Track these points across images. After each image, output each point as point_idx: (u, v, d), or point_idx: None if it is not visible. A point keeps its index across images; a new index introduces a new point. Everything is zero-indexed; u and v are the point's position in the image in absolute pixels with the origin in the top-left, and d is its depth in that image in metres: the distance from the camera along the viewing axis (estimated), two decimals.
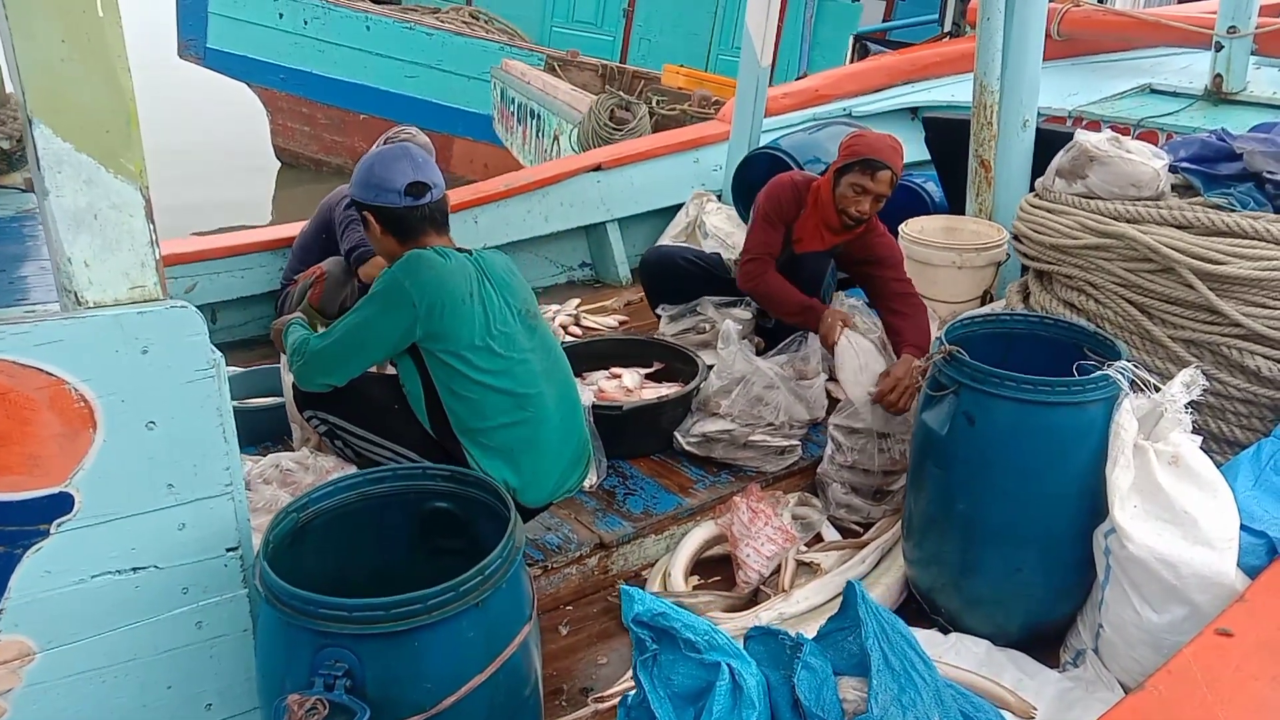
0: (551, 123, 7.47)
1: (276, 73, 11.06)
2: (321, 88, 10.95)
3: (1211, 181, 2.95)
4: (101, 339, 1.59)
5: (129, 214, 1.58)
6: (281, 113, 11.52)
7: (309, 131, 11.39)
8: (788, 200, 3.53)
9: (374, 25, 10.60)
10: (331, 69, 10.84)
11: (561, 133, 7.29)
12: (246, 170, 11.65)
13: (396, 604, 1.55)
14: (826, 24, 10.79)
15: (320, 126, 11.26)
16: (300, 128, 11.44)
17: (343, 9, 10.70)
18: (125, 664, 1.76)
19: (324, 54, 10.80)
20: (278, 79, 11.11)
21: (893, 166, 3.35)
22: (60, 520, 1.63)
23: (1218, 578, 2.12)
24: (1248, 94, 4.70)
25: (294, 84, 11.08)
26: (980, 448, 2.39)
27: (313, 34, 10.76)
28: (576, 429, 2.72)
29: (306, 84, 11.01)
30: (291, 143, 11.64)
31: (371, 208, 2.58)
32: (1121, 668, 2.31)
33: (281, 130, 11.69)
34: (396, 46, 10.54)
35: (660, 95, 7.92)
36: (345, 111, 10.96)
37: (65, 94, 1.49)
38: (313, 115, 11.22)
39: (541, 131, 7.63)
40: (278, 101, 11.43)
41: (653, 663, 1.66)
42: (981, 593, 2.51)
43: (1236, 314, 2.54)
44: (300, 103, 11.23)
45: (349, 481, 1.91)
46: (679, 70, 8.58)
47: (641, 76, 8.94)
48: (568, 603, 2.74)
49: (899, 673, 1.69)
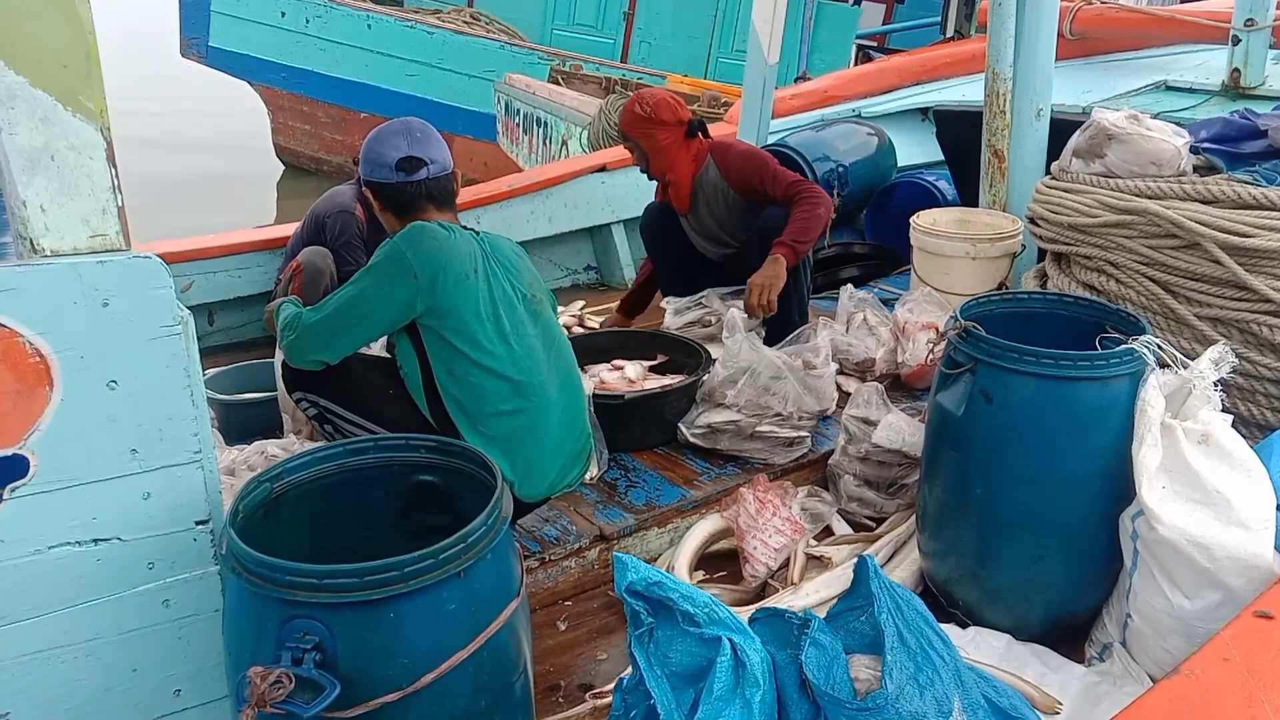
0: (559, 128, 7.44)
1: (278, 71, 11.14)
2: (323, 86, 11.01)
3: (1235, 160, 2.85)
4: (59, 289, 1.49)
5: (89, 156, 1.48)
6: (283, 111, 11.59)
7: (310, 130, 11.42)
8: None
9: (375, 24, 10.65)
10: (333, 68, 10.91)
11: (570, 136, 7.26)
12: (249, 168, 11.71)
13: (371, 570, 1.43)
14: (826, 27, 10.77)
15: (321, 125, 11.31)
16: (301, 126, 11.48)
17: (344, 8, 10.78)
18: (86, 643, 1.64)
19: (325, 52, 10.87)
20: (279, 77, 11.18)
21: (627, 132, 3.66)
22: (14, 485, 1.52)
23: (1254, 560, 1.99)
24: (1266, 88, 4.59)
25: (295, 82, 11.14)
26: (998, 428, 2.27)
27: (314, 33, 10.83)
28: (578, 421, 2.61)
29: (308, 82, 11.08)
30: (293, 141, 11.71)
31: (370, 183, 2.53)
32: (1152, 659, 2.18)
33: (283, 129, 11.74)
34: (397, 45, 10.59)
35: None
36: (346, 110, 11.00)
37: (19, 25, 1.40)
38: (314, 114, 11.27)
39: (549, 138, 7.60)
40: (279, 100, 11.49)
41: (648, 638, 1.54)
42: (1001, 584, 2.38)
43: (1267, 289, 2.42)
44: (301, 101, 11.29)
45: (327, 452, 1.80)
46: (683, 80, 8.57)
47: (645, 87, 8.91)
48: (566, 597, 2.62)
49: (915, 651, 1.57)
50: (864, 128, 5.07)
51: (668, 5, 11.76)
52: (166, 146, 11.95)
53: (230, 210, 9.49)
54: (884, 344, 3.50)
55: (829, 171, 4.58)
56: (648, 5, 11.82)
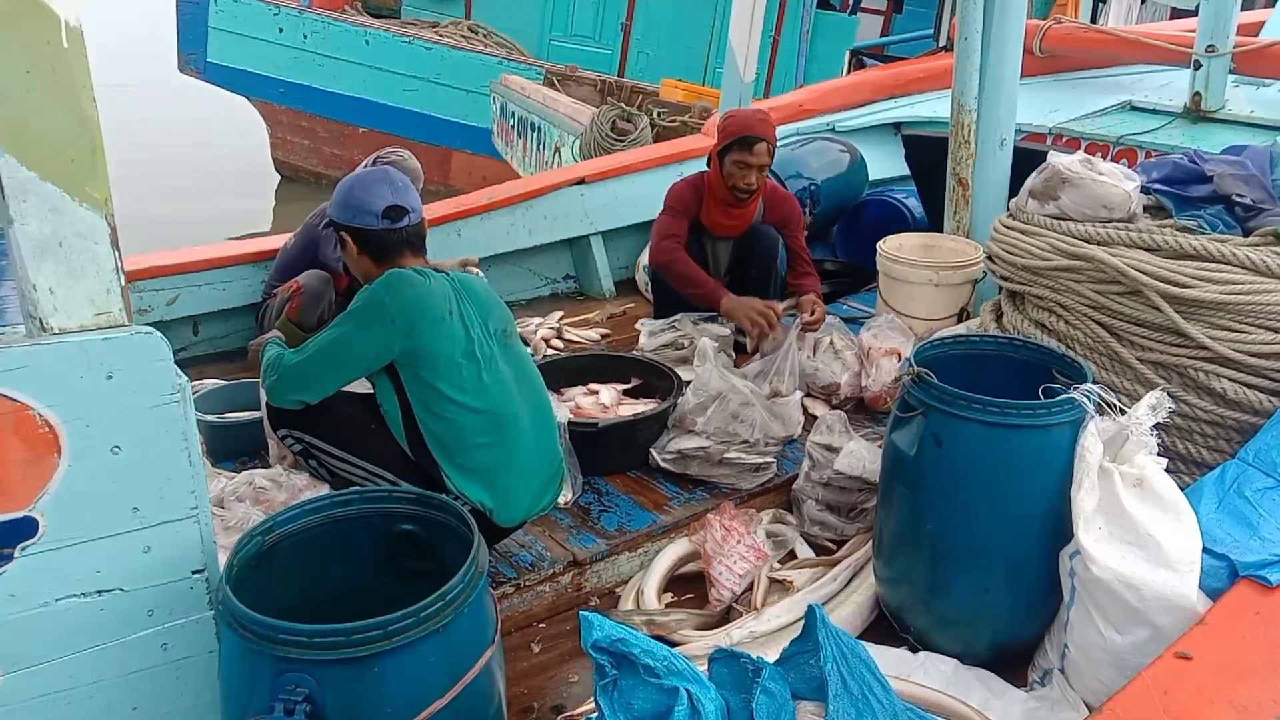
0: (552, 135, 7.52)
1: (276, 86, 11.13)
2: (321, 101, 11.02)
3: (1183, 203, 2.99)
4: (67, 365, 1.60)
5: (94, 241, 1.59)
6: (281, 126, 11.59)
7: (309, 145, 11.44)
8: (689, 196, 4.02)
9: (373, 39, 10.66)
10: (331, 83, 10.92)
11: (563, 144, 7.34)
12: (246, 184, 11.71)
13: (357, 630, 1.56)
14: (823, 38, 10.90)
15: (320, 140, 11.32)
16: (300, 141, 11.50)
17: (342, 23, 10.78)
18: (89, 685, 1.77)
19: (323, 68, 10.88)
20: (277, 93, 11.18)
21: (766, 137, 3.79)
22: (24, 544, 1.64)
23: (1179, 600, 2.14)
24: (1226, 112, 4.75)
25: (294, 98, 11.15)
26: (948, 469, 2.41)
27: (312, 48, 10.84)
28: (550, 447, 2.74)
29: (306, 98, 11.08)
30: (291, 156, 11.70)
31: (349, 228, 2.61)
32: (1086, 688, 2.33)
33: (281, 144, 11.75)
34: (395, 60, 10.62)
35: (661, 107, 8.02)
36: (345, 125, 11.02)
37: (30, 124, 1.51)
38: (312, 129, 11.29)
39: (542, 144, 7.69)
40: (277, 115, 11.49)
41: (613, 688, 1.67)
42: (950, 613, 2.52)
43: (1203, 337, 2.56)
44: (300, 116, 11.30)
45: (315, 505, 1.93)
46: (677, 84, 8.66)
47: (640, 91, 9.02)
48: (540, 620, 2.75)
49: (857, 697, 1.71)
50: (836, 144, 5.19)
51: (665, 16, 11.84)
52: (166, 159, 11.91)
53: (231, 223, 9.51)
54: (849, 368, 3.64)
55: (802, 190, 4.70)
56: (645, 16, 11.90)
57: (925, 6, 11.48)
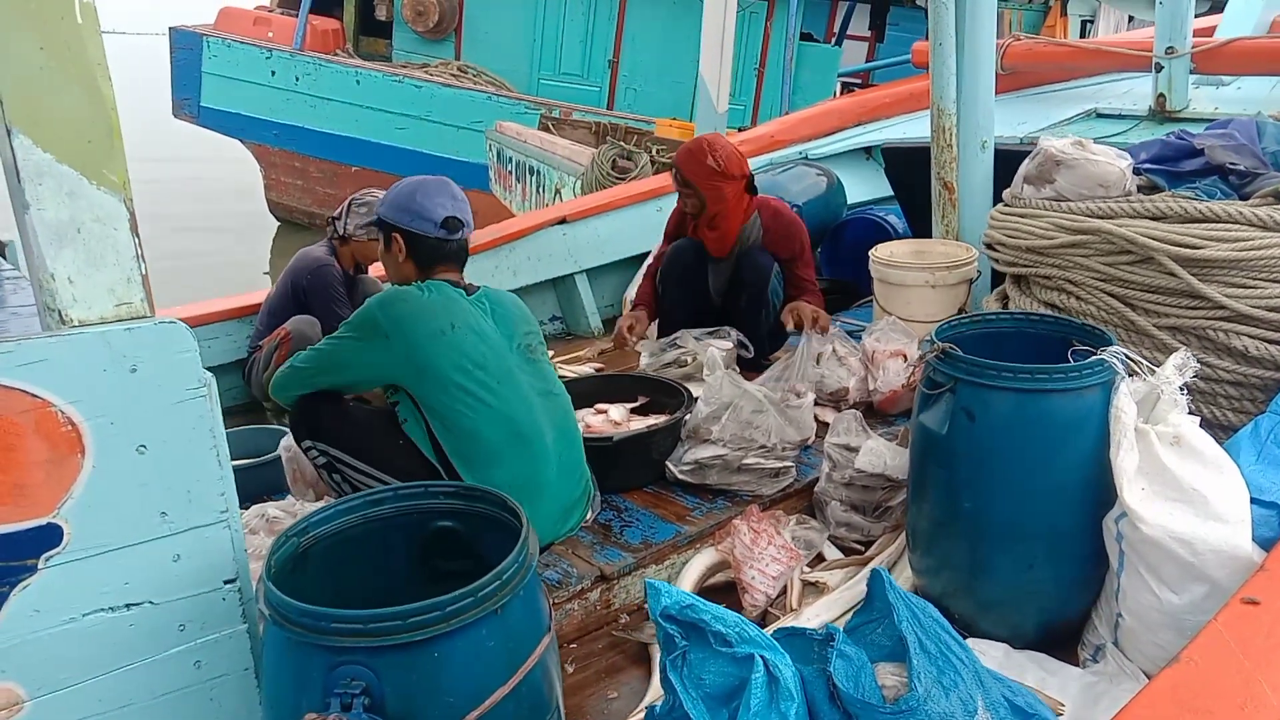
0: (552, 177, 7.59)
1: (270, 129, 11.26)
2: (314, 142, 11.19)
3: (1176, 179, 3.02)
4: (88, 358, 1.52)
5: (113, 227, 1.52)
6: (275, 168, 11.71)
7: (302, 185, 11.52)
8: (675, 219, 4.30)
9: (364, 79, 10.85)
10: (323, 123, 11.11)
11: (563, 185, 7.41)
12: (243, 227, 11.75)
13: (413, 612, 1.47)
14: (807, 67, 11.14)
15: (313, 179, 11.42)
16: (293, 182, 11.58)
17: (334, 64, 10.92)
18: (120, 709, 1.65)
19: (315, 109, 11.08)
20: (271, 135, 11.30)
21: (679, 166, 3.96)
22: (49, 554, 1.54)
23: (1235, 551, 2.10)
24: (1191, 111, 4.83)
25: (287, 139, 11.30)
26: (982, 443, 2.37)
27: (304, 90, 11.03)
28: (576, 467, 2.68)
29: (299, 139, 11.25)
30: (285, 197, 11.79)
31: (404, 231, 2.59)
32: (1145, 656, 2.26)
33: (275, 185, 11.82)
34: (386, 99, 10.80)
35: (659, 144, 8.17)
36: (337, 164, 11.13)
37: (45, 103, 1.45)
38: (305, 169, 11.38)
39: (542, 186, 7.76)
40: (271, 157, 11.61)
41: (682, 661, 1.59)
42: (994, 594, 2.46)
43: (1220, 296, 2.56)
44: (293, 157, 11.46)
45: (349, 504, 1.84)
46: (672, 123, 8.79)
47: (635, 132, 9.15)
48: (571, 640, 2.64)
49: (936, 655, 1.64)
50: (813, 169, 5.23)
51: (652, 52, 12.05)
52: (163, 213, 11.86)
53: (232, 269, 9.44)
54: (854, 373, 3.61)
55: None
56: (632, 53, 12.12)
57: (907, 32, 11.83)
